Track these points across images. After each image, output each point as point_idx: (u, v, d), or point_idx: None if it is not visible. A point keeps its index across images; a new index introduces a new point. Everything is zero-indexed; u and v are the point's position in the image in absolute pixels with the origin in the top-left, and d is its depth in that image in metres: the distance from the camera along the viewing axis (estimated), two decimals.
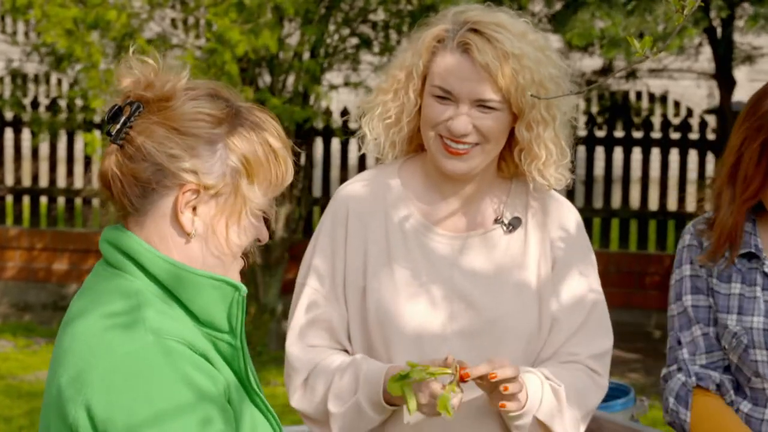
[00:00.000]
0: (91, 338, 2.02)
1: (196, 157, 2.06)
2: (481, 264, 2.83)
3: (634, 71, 10.67)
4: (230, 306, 2.11)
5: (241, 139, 2.09)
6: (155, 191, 2.08)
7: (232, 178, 2.08)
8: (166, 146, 2.06)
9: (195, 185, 2.06)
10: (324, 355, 2.83)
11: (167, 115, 2.07)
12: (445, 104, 2.74)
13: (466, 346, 2.78)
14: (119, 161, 2.08)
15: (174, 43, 8.86)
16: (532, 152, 2.78)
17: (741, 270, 3.02)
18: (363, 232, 2.85)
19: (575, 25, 7.28)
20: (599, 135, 10.35)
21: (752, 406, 3.00)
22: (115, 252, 2.10)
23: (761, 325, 2.96)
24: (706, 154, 10.18)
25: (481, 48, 2.69)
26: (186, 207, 2.07)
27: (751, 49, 10.48)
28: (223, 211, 2.09)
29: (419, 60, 2.76)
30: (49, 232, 10.36)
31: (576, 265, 2.87)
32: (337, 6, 8.80)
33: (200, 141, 2.07)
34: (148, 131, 2.06)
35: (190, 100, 2.09)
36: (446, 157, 2.76)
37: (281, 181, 2.14)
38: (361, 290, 2.82)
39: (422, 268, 2.82)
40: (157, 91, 2.09)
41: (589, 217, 10.16)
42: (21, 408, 7.50)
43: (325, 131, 10.11)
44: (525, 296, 2.82)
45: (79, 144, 10.54)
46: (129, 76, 2.12)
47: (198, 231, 2.09)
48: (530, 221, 2.87)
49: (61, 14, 8.03)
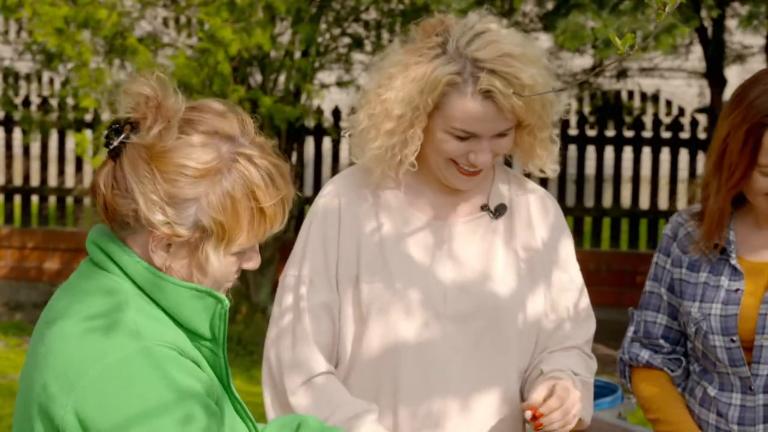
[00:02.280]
0: (76, 341, 2.03)
1: (171, 207, 2.04)
2: (471, 249, 2.88)
3: (625, 70, 10.68)
4: (213, 317, 2.11)
5: (222, 196, 2.06)
6: (130, 226, 2.08)
7: (201, 235, 2.06)
8: (146, 188, 2.04)
9: (165, 234, 2.06)
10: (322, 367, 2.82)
11: (154, 156, 2.04)
12: (465, 141, 2.77)
13: (461, 331, 2.83)
14: (108, 182, 2.08)
15: (165, 42, 8.86)
16: (533, 153, 2.86)
17: (711, 260, 3.09)
18: (355, 222, 2.87)
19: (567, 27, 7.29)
20: (590, 134, 10.36)
21: (719, 391, 3.08)
22: (99, 252, 2.11)
23: (719, 311, 3.04)
24: (697, 153, 10.20)
25: (505, 93, 2.70)
26: (157, 248, 2.07)
27: (741, 48, 10.50)
28: (193, 257, 2.09)
29: (428, 98, 2.74)
30: (40, 231, 10.35)
31: (561, 249, 2.95)
32: (328, 5, 8.81)
33: (179, 194, 2.04)
34: (135, 164, 2.05)
35: (181, 147, 2.05)
36: (460, 179, 2.83)
37: (265, 232, 2.12)
38: (354, 280, 2.85)
39: (414, 256, 2.86)
40: (151, 127, 2.05)
41: (581, 216, 10.18)
42: (12, 407, 7.49)
43: (316, 130, 10.10)
44: (515, 278, 2.88)
45: (71, 143, 10.52)
46: (137, 95, 2.08)
47: (172, 268, 2.09)
48: (514, 207, 2.93)
49: (51, 13, 8.03)
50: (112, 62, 8.58)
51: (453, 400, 2.82)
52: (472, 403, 2.84)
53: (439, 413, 2.82)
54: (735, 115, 2.98)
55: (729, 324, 3.02)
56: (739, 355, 3.03)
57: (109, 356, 2.00)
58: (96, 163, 8.96)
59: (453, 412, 2.82)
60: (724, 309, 3.04)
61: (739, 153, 2.97)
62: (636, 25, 7.05)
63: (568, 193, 10.33)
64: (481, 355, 2.84)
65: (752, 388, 3.03)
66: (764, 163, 2.95)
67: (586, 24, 7.46)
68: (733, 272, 3.06)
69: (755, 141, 2.95)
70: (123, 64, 8.73)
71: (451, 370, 2.82)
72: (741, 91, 3.02)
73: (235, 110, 2.13)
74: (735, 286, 3.05)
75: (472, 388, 2.83)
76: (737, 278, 3.06)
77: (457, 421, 2.82)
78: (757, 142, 2.94)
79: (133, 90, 2.07)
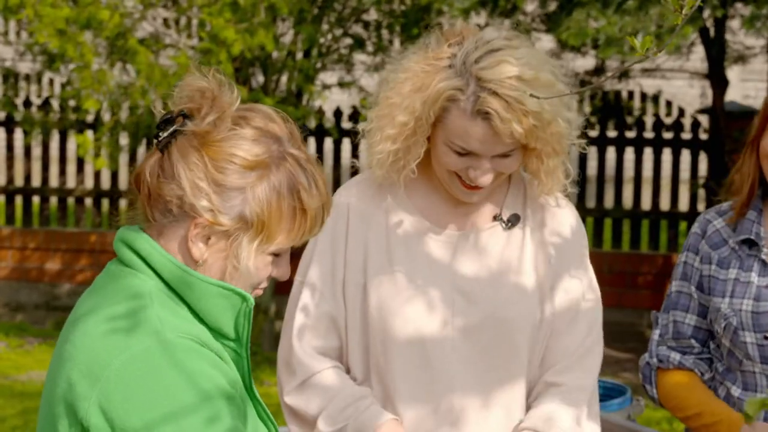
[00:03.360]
0: (100, 337, 2.04)
1: (217, 195, 2.07)
2: (481, 261, 2.84)
3: (627, 71, 10.68)
4: (237, 315, 2.13)
5: (269, 191, 2.09)
6: (172, 213, 2.10)
7: (241, 227, 2.09)
8: (195, 174, 2.07)
9: (208, 222, 2.08)
10: (325, 365, 2.83)
11: (206, 144, 2.08)
12: (464, 157, 2.73)
13: (468, 342, 2.80)
14: (153, 169, 2.11)
15: (167, 43, 8.85)
16: (539, 178, 2.82)
17: (740, 256, 3.09)
18: (364, 230, 2.85)
19: (570, 25, 7.28)
20: (592, 135, 10.35)
21: (742, 390, 3.07)
22: (127, 251, 2.13)
23: (750, 308, 3.03)
24: (698, 154, 10.19)
25: (503, 116, 2.64)
26: (197, 238, 2.09)
27: (743, 48, 10.50)
28: (230, 250, 2.11)
29: (430, 111, 2.71)
30: (41, 231, 10.34)
31: (576, 264, 2.90)
32: (330, 6, 8.80)
33: (226, 182, 2.08)
34: (185, 152, 2.08)
35: (232, 138, 2.09)
36: (464, 192, 2.79)
37: (303, 235, 2.14)
38: (361, 287, 2.83)
39: (422, 266, 2.83)
40: (205, 116, 2.09)
41: (582, 217, 10.12)
42: (14, 408, 7.49)
43: (317, 131, 10.10)
44: (525, 291, 2.84)
45: (72, 144, 10.52)
46: (192, 89, 2.12)
47: (207, 261, 2.11)
48: (529, 218, 2.88)
49: (53, 14, 8.02)
50: (114, 63, 8.58)
51: (457, 410, 2.80)
52: (476, 414, 2.81)
53: (442, 423, 2.80)
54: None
55: (762, 321, 3.01)
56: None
57: (132, 348, 2.01)
58: (98, 164, 8.95)
59: (457, 423, 2.80)
60: (756, 305, 3.03)
61: (764, 111, 3.06)
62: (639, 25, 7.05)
63: (570, 193, 10.31)
64: (487, 366, 2.81)
65: None
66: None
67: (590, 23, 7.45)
68: (763, 267, 3.06)
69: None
70: (125, 66, 8.73)
71: (456, 381, 2.80)
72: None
73: (284, 116, 2.17)
74: (765, 281, 3.05)
75: (476, 399, 2.80)
76: (767, 273, 3.05)
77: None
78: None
79: (190, 83, 2.11)
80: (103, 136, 8.86)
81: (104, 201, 10.71)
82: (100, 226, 10.58)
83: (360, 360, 2.84)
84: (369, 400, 2.78)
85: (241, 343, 2.15)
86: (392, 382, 2.80)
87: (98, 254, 10.04)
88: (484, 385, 2.81)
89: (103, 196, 10.60)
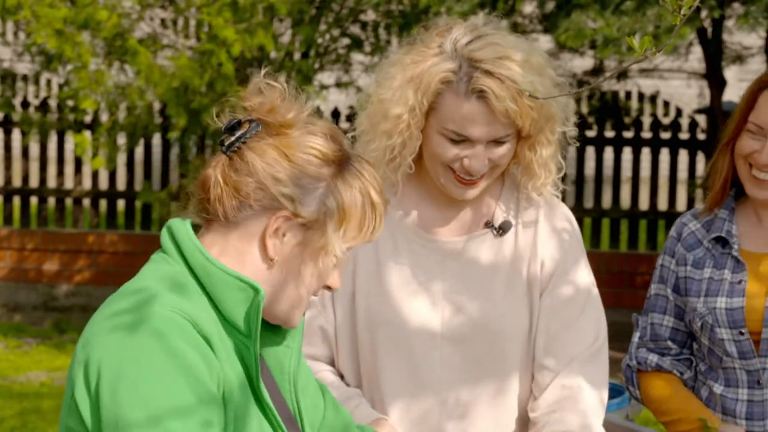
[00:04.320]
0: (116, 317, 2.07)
1: (298, 187, 2.12)
2: (471, 268, 2.80)
3: (625, 71, 10.69)
4: (249, 309, 2.13)
5: (344, 185, 2.16)
6: (251, 208, 2.14)
7: (324, 218, 2.14)
8: (274, 168, 2.13)
9: (289, 213, 2.12)
10: (319, 367, 2.81)
11: (283, 142, 2.14)
12: (459, 144, 2.69)
13: (457, 350, 2.77)
14: (224, 171, 2.15)
15: (164, 44, 8.85)
16: (531, 170, 2.76)
17: (714, 255, 3.13)
18: None
19: (569, 27, 7.29)
20: (590, 135, 10.36)
21: (725, 387, 3.10)
22: (167, 238, 2.18)
23: (723, 305, 3.06)
24: (696, 154, 10.20)
25: (498, 94, 2.62)
26: (275, 232, 2.13)
27: (741, 48, 10.51)
28: (307, 246, 2.15)
29: (423, 98, 2.68)
30: (39, 232, 10.34)
31: (571, 271, 2.84)
32: (328, 6, 8.80)
33: (306, 174, 2.13)
34: (261, 150, 2.14)
35: (307, 134, 2.16)
36: (458, 187, 2.73)
37: (371, 233, 2.20)
38: (350, 295, 2.80)
39: (412, 273, 2.79)
40: (279, 116, 2.15)
41: (580, 217, 10.17)
42: (12, 409, 7.49)
43: None
44: (516, 300, 2.79)
45: (70, 144, 10.52)
46: (257, 96, 2.18)
47: (278, 260, 2.14)
48: (521, 223, 2.83)
49: (50, 15, 8.02)
50: (111, 64, 8.58)
51: (448, 421, 2.77)
52: (467, 424, 2.78)
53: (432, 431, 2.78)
54: (747, 90, 3.11)
55: (736, 317, 3.04)
56: (749, 347, 3.04)
57: (121, 316, 2.05)
58: (96, 164, 8.95)
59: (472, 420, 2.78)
60: (729, 302, 3.06)
61: (740, 110, 3.08)
62: (637, 26, 7.05)
63: (568, 193, 10.33)
64: (479, 376, 2.77)
65: (760, 381, 3.05)
66: (753, 121, 3.04)
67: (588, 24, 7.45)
68: (735, 264, 3.09)
69: (752, 100, 3.06)
70: (122, 66, 8.73)
71: (445, 391, 2.77)
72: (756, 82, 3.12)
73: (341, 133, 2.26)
74: (738, 277, 3.08)
75: (468, 409, 2.77)
76: (740, 269, 3.08)
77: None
78: (752, 101, 3.06)
79: (260, 87, 2.18)
80: (101, 136, 8.87)
81: (102, 201, 10.71)
82: (98, 226, 10.57)
83: (350, 368, 2.82)
84: (358, 400, 2.77)
85: (251, 338, 2.14)
86: (382, 390, 2.78)
87: (96, 255, 10.03)
88: (474, 396, 2.77)
89: (101, 197, 10.60)
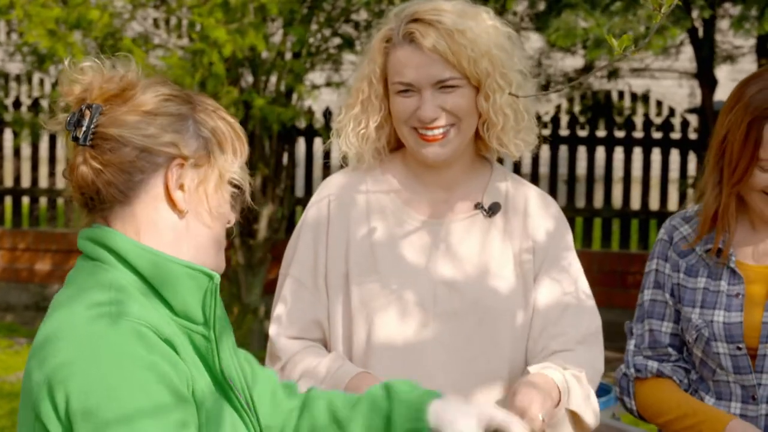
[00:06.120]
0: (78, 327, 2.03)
1: (172, 132, 2.14)
2: (463, 248, 2.88)
3: (617, 70, 10.69)
4: (204, 296, 2.13)
5: (204, 114, 2.18)
6: (142, 172, 2.13)
7: (206, 149, 2.16)
8: (142, 129, 2.12)
9: (178, 158, 2.12)
10: (306, 344, 2.88)
11: (134, 103, 2.15)
12: (409, 96, 2.81)
13: (450, 328, 2.83)
14: (97, 157, 2.13)
15: (156, 43, 8.85)
16: (490, 121, 2.84)
17: (709, 264, 3.06)
18: (345, 220, 2.90)
19: (559, 26, 7.30)
20: (581, 134, 10.37)
21: (716, 400, 3.04)
22: (95, 246, 2.14)
23: (721, 318, 3.00)
24: (687, 154, 10.22)
25: (424, 33, 2.77)
26: (175, 186, 2.13)
27: (732, 48, 10.52)
28: (206, 182, 2.16)
29: (374, 65, 2.84)
30: (31, 232, 10.34)
31: (561, 247, 2.92)
32: (319, 6, 8.80)
33: (172, 118, 2.15)
34: (120, 122, 2.13)
35: (149, 86, 2.18)
36: (424, 147, 2.82)
37: (242, 154, 2.22)
38: (343, 276, 2.87)
39: (404, 254, 2.86)
40: (114, 86, 2.16)
41: (572, 217, 10.18)
42: (2, 408, 7.49)
43: (307, 131, 10.10)
44: (506, 277, 2.86)
45: (61, 144, 10.49)
46: (76, 84, 2.19)
47: (189, 210, 2.15)
48: (510, 207, 2.92)
49: (43, 14, 8.01)
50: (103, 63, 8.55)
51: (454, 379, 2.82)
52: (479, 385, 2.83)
53: None
54: (735, 112, 2.96)
55: (734, 331, 2.98)
56: (746, 362, 2.98)
57: (78, 327, 2.03)
58: None
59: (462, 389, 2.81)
60: (727, 316, 2.99)
61: (740, 149, 2.95)
62: (627, 26, 7.06)
63: (559, 193, 10.34)
64: (470, 353, 2.83)
65: (755, 397, 2.99)
66: (764, 157, 2.93)
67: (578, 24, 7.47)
68: (732, 276, 3.03)
69: (756, 135, 2.93)
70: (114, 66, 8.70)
71: (437, 369, 2.82)
72: (739, 88, 3.00)
73: None
74: (735, 290, 3.01)
75: (458, 386, 2.80)
76: (736, 282, 3.02)
77: None
78: (758, 137, 2.93)
79: (71, 78, 2.20)
80: None
81: None
82: None
83: (344, 350, 2.87)
84: (342, 361, 2.82)
85: (209, 326, 2.14)
86: (375, 369, 2.82)
87: None
88: (467, 372, 2.82)
89: None
